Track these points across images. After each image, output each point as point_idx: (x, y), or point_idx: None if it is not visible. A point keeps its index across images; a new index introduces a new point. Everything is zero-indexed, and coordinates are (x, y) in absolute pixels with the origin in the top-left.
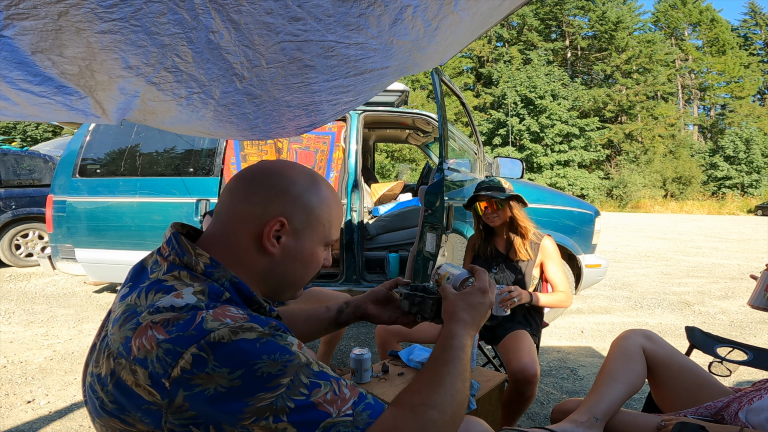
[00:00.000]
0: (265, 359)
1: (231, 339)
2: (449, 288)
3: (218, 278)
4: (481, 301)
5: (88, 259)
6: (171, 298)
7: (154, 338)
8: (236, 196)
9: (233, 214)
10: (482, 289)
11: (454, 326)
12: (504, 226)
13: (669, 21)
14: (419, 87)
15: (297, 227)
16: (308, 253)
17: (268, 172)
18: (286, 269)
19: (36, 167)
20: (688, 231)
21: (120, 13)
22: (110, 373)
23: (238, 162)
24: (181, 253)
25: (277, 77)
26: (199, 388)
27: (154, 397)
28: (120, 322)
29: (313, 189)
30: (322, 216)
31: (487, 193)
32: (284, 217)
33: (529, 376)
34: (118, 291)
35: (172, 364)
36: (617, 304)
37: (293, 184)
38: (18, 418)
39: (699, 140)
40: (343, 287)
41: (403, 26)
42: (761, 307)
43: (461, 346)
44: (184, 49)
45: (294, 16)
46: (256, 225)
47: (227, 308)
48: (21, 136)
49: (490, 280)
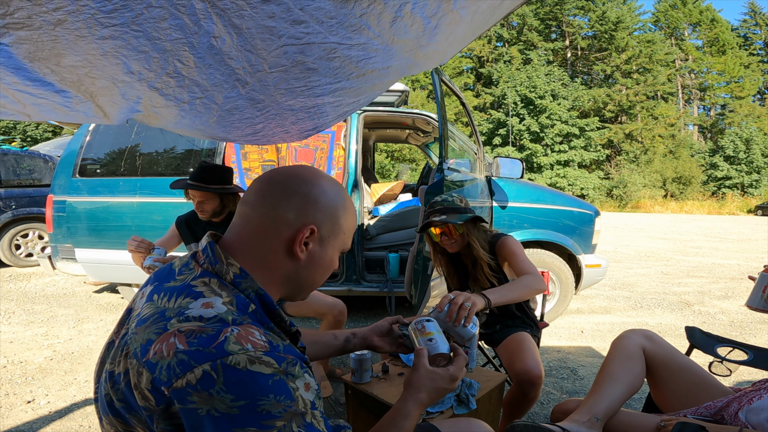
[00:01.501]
0: (271, 398)
1: (246, 367)
2: (424, 359)
3: (245, 288)
4: (445, 388)
5: (88, 259)
6: (201, 309)
7: (174, 346)
8: (268, 200)
9: (265, 217)
10: (454, 377)
11: (411, 404)
12: (466, 249)
13: (669, 21)
14: (419, 87)
15: (324, 235)
16: (329, 260)
17: (300, 179)
18: (308, 274)
19: (36, 167)
20: (688, 231)
21: (121, 19)
22: (124, 372)
23: (238, 159)
24: (214, 261)
25: (279, 82)
26: (193, 406)
27: (147, 402)
28: (147, 323)
29: (340, 200)
30: (344, 226)
31: (441, 218)
32: (315, 225)
33: (533, 377)
34: (140, 289)
35: (179, 375)
36: (617, 304)
37: (324, 193)
38: (18, 418)
39: (699, 140)
40: (343, 287)
41: (402, 23)
42: (759, 308)
43: (410, 427)
44: (186, 55)
45: (296, 19)
46: (288, 231)
47: (251, 331)
48: (21, 136)
49: (462, 368)
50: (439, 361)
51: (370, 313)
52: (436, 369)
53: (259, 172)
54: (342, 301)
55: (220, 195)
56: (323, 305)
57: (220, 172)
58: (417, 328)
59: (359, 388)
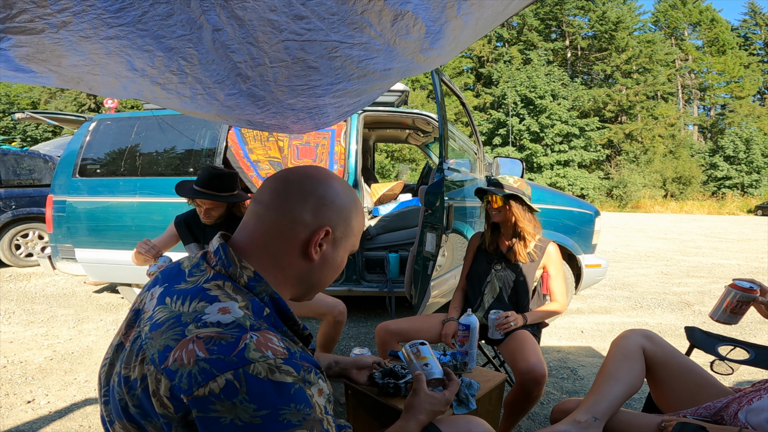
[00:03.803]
0: (292, 407)
1: (267, 377)
2: (423, 384)
3: (259, 292)
4: (441, 410)
5: (88, 259)
6: (218, 315)
7: (194, 353)
8: (283, 200)
9: (281, 217)
10: (448, 401)
11: (413, 424)
12: (508, 226)
13: (669, 21)
14: (419, 87)
15: (337, 236)
16: (340, 261)
17: (316, 180)
18: (320, 275)
19: (36, 167)
20: (688, 231)
21: (127, 18)
22: (141, 377)
23: (246, 155)
24: (227, 264)
25: (280, 77)
26: (215, 415)
27: (166, 410)
28: (163, 328)
29: (353, 202)
30: (356, 227)
31: (490, 188)
32: (330, 226)
33: (537, 376)
34: (146, 289)
35: (201, 383)
36: (617, 304)
37: (338, 195)
38: (18, 418)
39: (699, 140)
40: (343, 287)
41: (403, 23)
42: (720, 321)
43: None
44: (190, 52)
45: (298, 14)
46: (305, 232)
47: (269, 337)
48: (21, 136)
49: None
50: (434, 383)
51: (370, 313)
52: (434, 393)
53: (267, 166)
54: (342, 302)
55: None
56: (323, 306)
57: (228, 179)
58: (412, 351)
59: (359, 388)
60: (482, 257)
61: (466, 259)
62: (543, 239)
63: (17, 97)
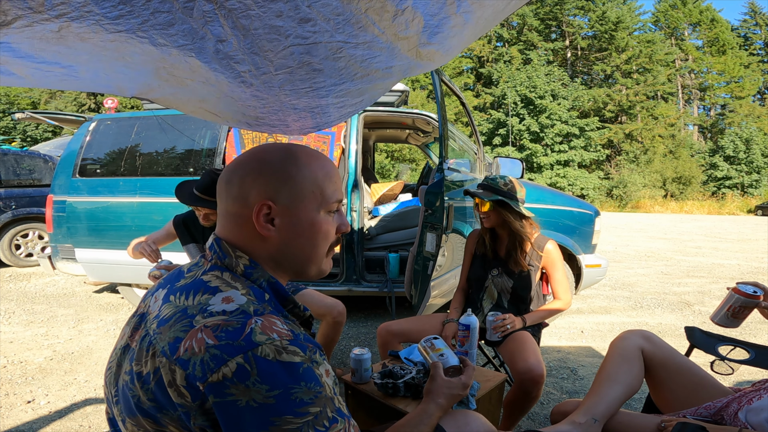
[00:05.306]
0: (303, 386)
1: (275, 358)
2: (440, 371)
3: (256, 278)
4: (459, 393)
5: (88, 259)
6: (222, 304)
7: (204, 342)
8: (222, 195)
9: (227, 213)
10: (466, 384)
11: (433, 407)
12: (503, 229)
13: (669, 21)
14: (419, 87)
15: (286, 204)
16: (308, 225)
17: (242, 162)
18: (293, 248)
19: (36, 167)
20: (688, 231)
21: (126, 25)
22: (153, 371)
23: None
24: (222, 256)
25: (285, 83)
26: (232, 398)
27: (183, 399)
28: (171, 322)
29: (289, 161)
30: (306, 184)
31: (477, 192)
32: (268, 198)
33: (536, 376)
34: (150, 294)
35: (214, 369)
36: (617, 304)
37: (266, 163)
38: (18, 418)
39: (699, 140)
40: (343, 287)
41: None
42: (722, 324)
43: (433, 423)
44: (192, 61)
45: (304, 17)
46: (247, 215)
47: (273, 321)
48: (21, 136)
49: (472, 375)
50: (452, 372)
51: (370, 313)
52: (451, 378)
53: None
54: (341, 302)
55: None
56: (322, 306)
57: None
58: (427, 345)
59: (359, 388)
60: (479, 262)
61: (465, 260)
62: (541, 237)
63: (17, 97)
